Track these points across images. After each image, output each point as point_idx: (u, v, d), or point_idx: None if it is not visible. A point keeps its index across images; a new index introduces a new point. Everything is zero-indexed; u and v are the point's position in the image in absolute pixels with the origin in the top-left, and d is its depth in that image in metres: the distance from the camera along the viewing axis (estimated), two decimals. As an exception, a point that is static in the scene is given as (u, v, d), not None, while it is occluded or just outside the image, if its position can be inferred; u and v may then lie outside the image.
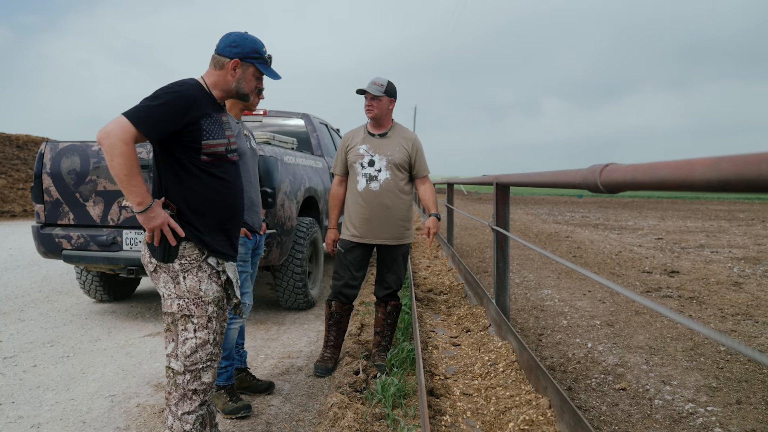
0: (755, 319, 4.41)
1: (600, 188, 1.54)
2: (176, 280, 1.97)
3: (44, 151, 4.20)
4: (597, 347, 3.70)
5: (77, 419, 2.71)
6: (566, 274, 6.63)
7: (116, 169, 1.77)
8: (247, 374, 3.03)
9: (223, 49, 2.07)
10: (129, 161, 1.77)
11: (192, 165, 1.97)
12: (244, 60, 2.08)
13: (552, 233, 11.82)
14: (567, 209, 23.13)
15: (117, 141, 1.76)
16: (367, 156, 3.25)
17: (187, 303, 1.97)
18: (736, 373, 3.20)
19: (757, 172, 0.86)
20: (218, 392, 2.76)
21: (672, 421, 2.57)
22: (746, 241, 10.21)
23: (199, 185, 1.99)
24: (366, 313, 4.48)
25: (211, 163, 2.01)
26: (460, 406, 2.48)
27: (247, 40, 2.10)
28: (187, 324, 1.98)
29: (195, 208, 1.99)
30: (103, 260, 4.12)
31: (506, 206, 3.48)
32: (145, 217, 1.86)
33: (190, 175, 1.98)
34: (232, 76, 2.08)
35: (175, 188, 1.97)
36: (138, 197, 1.82)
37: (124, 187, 1.80)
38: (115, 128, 1.77)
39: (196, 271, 1.98)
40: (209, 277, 2.02)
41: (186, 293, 1.97)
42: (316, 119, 6.41)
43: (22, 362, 3.52)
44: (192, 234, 1.97)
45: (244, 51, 2.08)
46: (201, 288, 1.99)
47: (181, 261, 1.96)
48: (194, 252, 1.98)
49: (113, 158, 1.76)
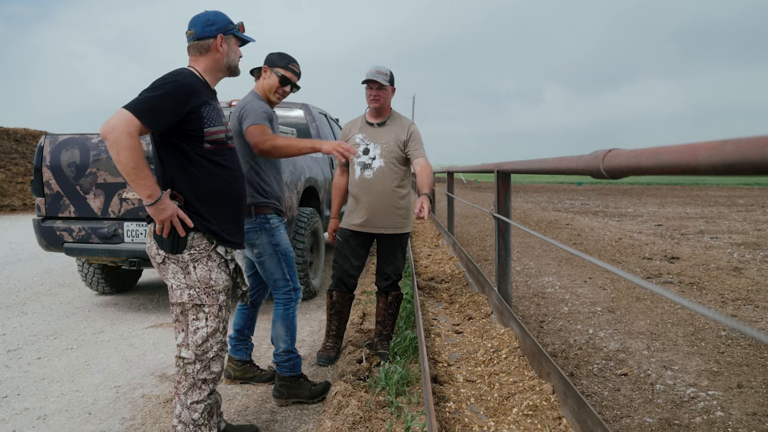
0: (755, 303, 4.43)
1: (603, 174, 1.54)
2: (186, 270, 1.97)
3: (44, 144, 4.19)
4: (598, 333, 3.71)
5: (83, 410, 2.72)
6: (567, 261, 6.64)
7: (123, 163, 1.75)
8: (251, 365, 3.04)
9: (202, 31, 2.08)
10: (136, 154, 1.76)
11: (196, 154, 1.98)
12: (225, 34, 2.12)
13: (552, 221, 11.82)
14: (567, 197, 23.12)
15: (122, 135, 1.74)
16: (362, 145, 3.26)
17: (198, 292, 1.98)
18: (737, 357, 3.21)
19: (761, 154, 0.86)
20: (298, 382, 2.77)
21: (673, 406, 2.59)
22: (746, 227, 10.22)
23: (205, 174, 2.00)
24: (368, 303, 4.49)
25: (214, 151, 2.02)
26: (464, 393, 2.50)
27: (218, 14, 2.13)
28: (198, 313, 2.00)
29: (202, 198, 1.99)
30: (104, 252, 4.12)
31: (507, 194, 3.48)
32: (155, 209, 1.85)
33: (195, 165, 1.98)
34: (222, 52, 2.11)
35: (181, 179, 1.97)
36: (147, 190, 1.81)
37: (133, 180, 1.78)
38: (119, 122, 1.75)
39: (206, 260, 1.99)
40: (219, 266, 2.03)
41: (197, 283, 1.98)
42: (315, 109, 6.39)
43: (26, 355, 3.54)
44: (200, 224, 1.98)
45: (222, 25, 2.11)
46: (211, 277, 2.00)
47: (190, 251, 1.96)
48: (203, 241, 1.99)
49: (119, 152, 1.75)
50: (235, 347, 3.00)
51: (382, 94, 3.20)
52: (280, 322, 2.75)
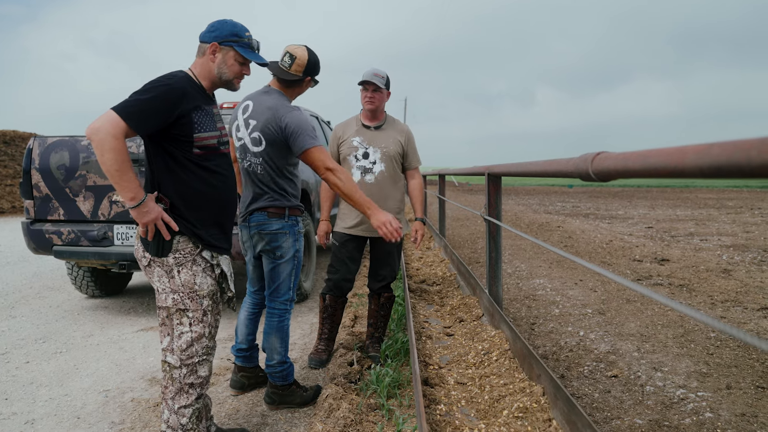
0: (744, 305, 4.46)
1: (592, 177, 1.55)
2: (170, 275, 1.96)
3: (32, 147, 4.15)
4: (589, 335, 3.73)
5: (71, 414, 2.70)
6: (558, 263, 6.67)
7: (107, 164, 1.75)
8: (259, 369, 3.01)
9: (204, 35, 2.06)
10: (120, 156, 1.75)
11: (184, 158, 1.96)
12: (222, 44, 2.04)
13: (543, 223, 11.87)
14: (558, 199, 23.23)
15: (107, 136, 1.73)
16: (361, 148, 3.25)
17: (182, 297, 1.96)
18: (726, 358, 3.24)
19: (747, 158, 0.87)
20: (290, 389, 2.73)
21: (663, 407, 2.61)
22: (735, 229, 10.32)
23: (193, 179, 1.98)
24: (359, 305, 4.49)
25: (204, 157, 2.00)
26: (455, 395, 2.50)
27: (226, 23, 2.07)
28: (182, 318, 1.98)
29: (188, 202, 1.98)
30: (94, 255, 4.09)
31: (498, 196, 3.49)
32: (138, 212, 1.84)
33: (183, 169, 1.96)
34: (212, 60, 2.05)
35: (168, 182, 1.96)
36: (130, 192, 1.80)
37: (116, 182, 1.77)
38: (105, 123, 1.74)
39: (191, 264, 1.98)
40: (204, 270, 2.01)
41: (181, 287, 1.96)
42: (306, 112, 6.39)
43: (14, 359, 3.50)
44: (186, 228, 1.96)
45: (222, 34, 2.05)
46: (196, 282, 1.98)
47: (175, 255, 1.95)
48: (188, 246, 1.97)
49: (103, 153, 1.74)
50: (248, 357, 2.94)
51: (378, 97, 3.21)
52: (275, 334, 2.66)
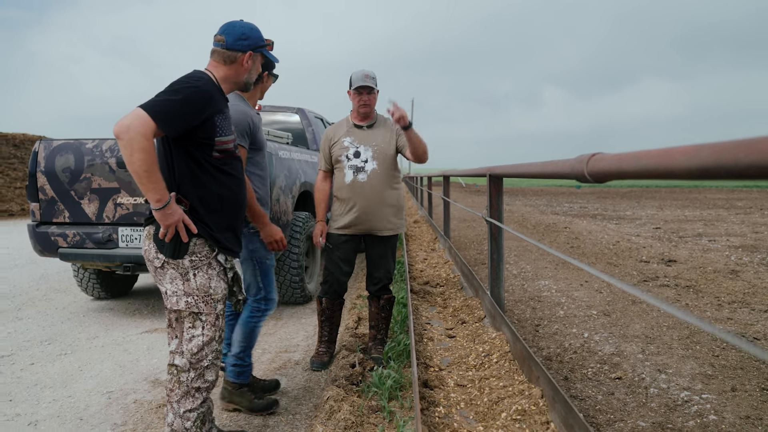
0: (751, 306, 4.42)
1: (587, 178, 1.54)
2: (185, 277, 1.93)
3: (38, 150, 4.19)
4: (593, 337, 3.71)
5: (74, 416, 2.72)
6: (563, 264, 6.63)
7: (136, 164, 1.70)
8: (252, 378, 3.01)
9: (234, 43, 2.04)
10: (149, 157, 1.71)
11: (205, 161, 1.95)
12: (255, 51, 2.08)
13: (550, 224, 11.82)
14: (565, 200, 23.13)
15: (137, 136, 1.68)
16: (352, 148, 3.24)
17: (196, 300, 1.94)
18: (731, 360, 3.21)
19: (734, 159, 0.86)
20: (240, 390, 2.72)
21: (667, 409, 2.58)
22: (744, 230, 10.22)
23: (212, 182, 1.97)
24: (363, 307, 4.49)
25: (222, 160, 1.99)
26: (454, 397, 2.50)
27: (253, 30, 2.09)
28: (195, 321, 1.96)
29: (207, 205, 1.96)
30: (99, 258, 4.12)
31: (500, 197, 3.48)
32: (163, 213, 1.81)
33: (204, 172, 1.95)
34: (246, 68, 2.07)
35: (189, 184, 1.94)
36: (157, 194, 1.76)
37: (144, 183, 1.73)
38: (135, 122, 1.69)
39: (206, 268, 1.96)
40: (218, 274, 2.00)
41: (195, 290, 1.94)
42: (311, 113, 6.40)
43: (19, 360, 3.53)
44: (203, 230, 1.94)
45: (254, 42, 2.08)
46: (211, 285, 1.96)
47: (191, 257, 1.92)
48: (205, 249, 1.95)
49: (133, 153, 1.68)
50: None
51: (373, 99, 3.21)
52: (241, 326, 2.70)
